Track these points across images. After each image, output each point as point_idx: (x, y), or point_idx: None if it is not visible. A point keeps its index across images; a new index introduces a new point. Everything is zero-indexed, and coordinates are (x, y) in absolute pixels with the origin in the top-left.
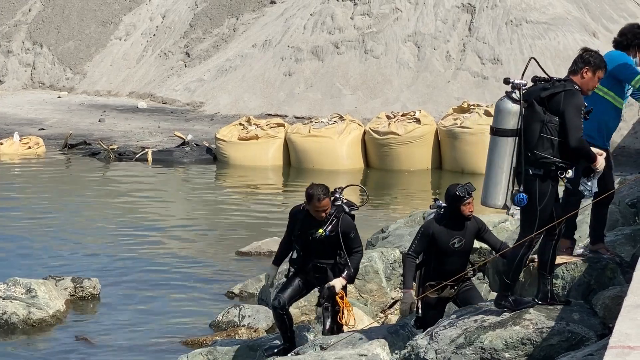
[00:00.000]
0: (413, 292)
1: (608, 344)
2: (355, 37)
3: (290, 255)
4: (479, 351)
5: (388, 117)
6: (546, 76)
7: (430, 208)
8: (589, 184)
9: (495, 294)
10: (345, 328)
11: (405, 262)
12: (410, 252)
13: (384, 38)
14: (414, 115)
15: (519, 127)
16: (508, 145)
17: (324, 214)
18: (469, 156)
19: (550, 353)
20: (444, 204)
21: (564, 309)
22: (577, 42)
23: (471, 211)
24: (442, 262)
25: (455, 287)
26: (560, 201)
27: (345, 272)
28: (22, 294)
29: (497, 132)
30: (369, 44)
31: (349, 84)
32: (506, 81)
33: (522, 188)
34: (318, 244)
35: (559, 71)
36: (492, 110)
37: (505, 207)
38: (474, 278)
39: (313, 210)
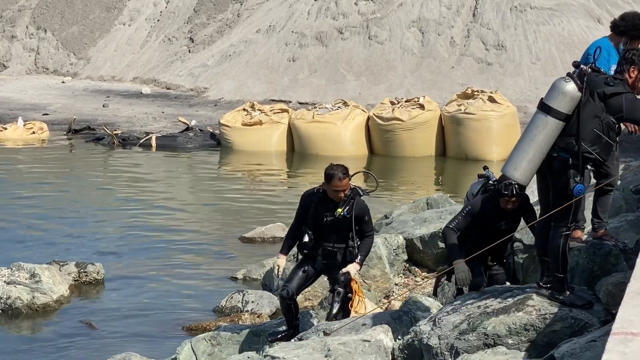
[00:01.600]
0: (463, 262)
1: (611, 330)
2: (359, 23)
3: (299, 240)
4: (482, 337)
5: (392, 103)
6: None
7: (478, 177)
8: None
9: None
10: (352, 314)
11: (447, 235)
12: (452, 226)
13: (388, 24)
14: (418, 101)
15: (572, 114)
16: (551, 125)
17: (342, 194)
18: (473, 142)
19: (553, 339)
20: (493, 175)
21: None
22: (582, 28)
23: (510, 208)
24: (485, 241)
25: (494, 260)
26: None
27: (359, 257)
28: (26, 279)
29: (549, 111)
30: (373, 29)
31: (352, 70)
32: (576, 64)
33: (580, 179)
34: (331, 227)
35: (563, 57)
36: (496, 97)
37: (520, 185)
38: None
39: (332, 190)
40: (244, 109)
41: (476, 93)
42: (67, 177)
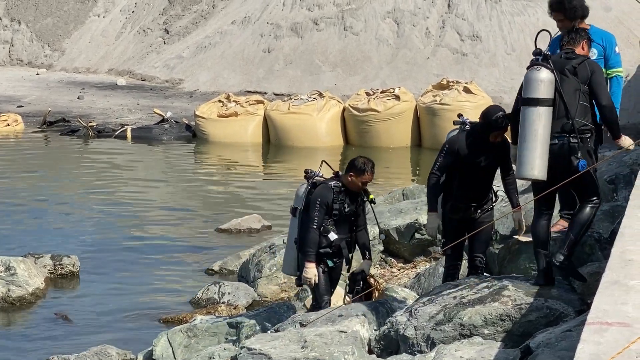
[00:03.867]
0: (437, 215)
1: (586, 320)
2: (335, 14)
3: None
4: (458, 327)
5: (367, 94)
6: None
7: (454, 124)
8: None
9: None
10: None
11: (430, 181)
12: (434, 170)
13: (363, 15)
14: (394, 92)
15: (553, 96)
16: (544, 115)
17: (364, 186)
18: (449, 131)
19: (529, 329)
20: (468, 120)
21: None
22: None
23: (499, 140)
24: (466, 181)
25: (479, 210)
26: None
27: (367, 252)
28: (1, 272)
29: (538, 102)
30: (348, 20)
31: (328, 61)
32: (537, 52)
33: (580, 154)
34: (346, 220)
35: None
36: (471, 87)
37: (540, 179)
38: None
39: (359, 183)
40: (220, 101)
41: (451, 84)
42: (42, 170)
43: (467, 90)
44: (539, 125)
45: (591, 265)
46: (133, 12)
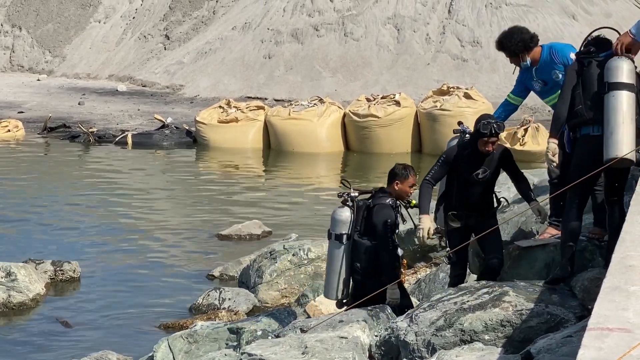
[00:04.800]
0: (429, 218)
1: (587, 325)
2: (335, 20)
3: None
4: (459, 333)
5: (368, 100)
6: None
7: (454, 132)
8: None
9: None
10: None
11: (422, 187)
12: (427, 178)
13: (364, 21)
14: (394, 97)
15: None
16: (628, 98)
17: (412, 191)
18: (448, 139)
19: (530, 335)
20: (468, 129)
21: (542, 291)
22: (557, 24)
23: (489, 150)
24: (465, 192)
25: (480, 218)
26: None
27: None
28: (1, 278)
29: (618, 86)
30: (348, 26)
31: (328, 67)
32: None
33: None
34: None
35: None
36: (472, 93)
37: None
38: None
39: (406, 189)
40: (220, 106)
41: (452, 89)
42: (42, 175)
43: (467, 96)
44: (625, 107)
45: (592, 271)
46: (134, 18)
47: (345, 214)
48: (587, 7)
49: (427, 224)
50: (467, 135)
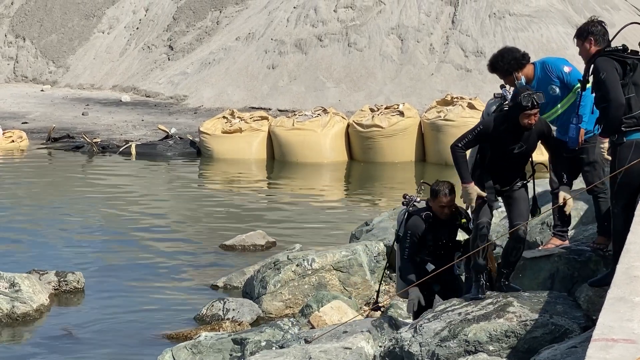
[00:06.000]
0: (473, 186)
1: (591, 336)
2: (339, 30)
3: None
4: (463, 344)
5: (372, 110)
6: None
7: (494, 96)
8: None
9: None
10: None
11: (456, 154)
12: (459, 145)
13: (368, 31)
14: (398, 108)
15: None
16: None
17: (447, 211)
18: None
19: (534, 345)
20: (508, 93)
21: (547, 302)
22: (560, 34)
23: (531, 123)
24: (498, 165)
25: (507, 188)
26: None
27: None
28: (5, 288)
29: None
30: (352, 36)
31: (332, 77)
32: None
33: None
34: (446, 248)
35: None
36: (475, 103)
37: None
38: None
39: (438, 206)
40: (224, 117)
41: (455, 100)
42: (46, 186)
43: (471, 106)
44: None
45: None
46: (137, 28)
47: (400, 215)
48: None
49: (474, 191)
50: (505, 102)
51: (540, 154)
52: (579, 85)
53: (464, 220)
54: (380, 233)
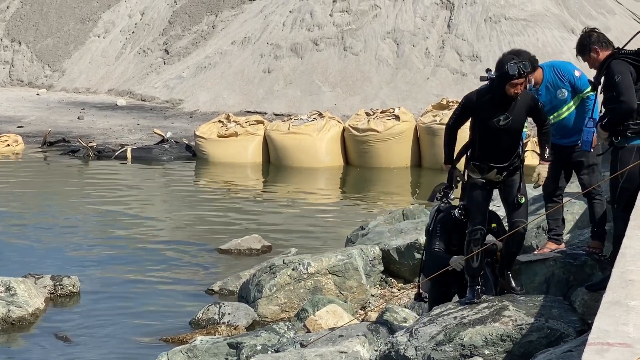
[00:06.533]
0: (452, 167)
1: (587, 340)
2: (335, 34)
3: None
4: (459, 348)
5: (367, 114)
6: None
7: (481, 80)
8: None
9: None
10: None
11: (445, 134)
12: (449, 123)
13: (363, 35)
14: (393, 112)
15: None
16: None
17: None
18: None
19: (530, 349)
20: (494, 75)
21: (542, 306)
22: (556, 39)
23: (517, 92)
24: (487, 140)
25: (504, 173)
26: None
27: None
28: (1, 293)
29: None
30: (348, 40)
31: (328, 81)
32: None
33: None
34: None
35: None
36: None
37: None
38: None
39: None
40: (220, 121)
41: (451, 104)
42: (42, 190)
43: None
44: None
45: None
46: (133, 32)
47: (433, 209)
48: (587, 22)
49: (455, 173)
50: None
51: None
52: (588, 89)
53: (493, 225)
54: (376, 237)
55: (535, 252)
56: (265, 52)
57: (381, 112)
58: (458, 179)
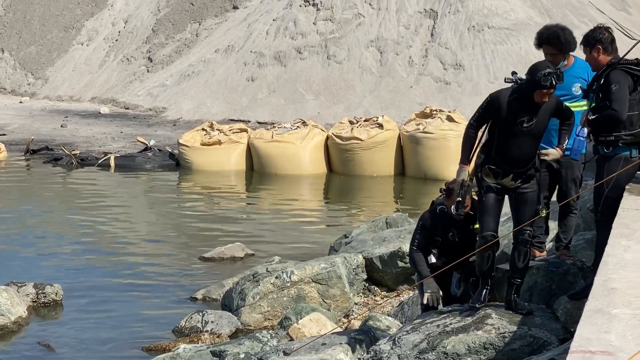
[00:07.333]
0: (467, 169)
1: (569, 348)
2: (318, 43)
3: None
4: (442, 356)
5: (351, 123)
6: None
7: (505, 81)
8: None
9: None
10: None
11: (465, 132)
12: (471, 121)
13: (347, 43)
14: (377, 120)
15: None
16: None
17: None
18: (432, 161)
19: (513, 358)
20: (519, 78)
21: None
22: None
23: (545, 101)
24: (507, 143)
25: (519, 181)
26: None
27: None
28: None
29: None
30: (331, 49)
31: (311, 89)
32: None
33: None
34: (455, 246)
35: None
36: (454, 116)
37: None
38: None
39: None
40: (203, 129)
41: (434, 112)
42: (24, 198)
43: (450, 118)
44: None
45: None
46: (117, 40)
47: None
48: (576, 31)
49: (465, 174)
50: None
51: None
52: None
53: (477, 226)
54: (359, 245)
55: None
56: (248, 61)
57: (365, 121)
58: (466, 183)
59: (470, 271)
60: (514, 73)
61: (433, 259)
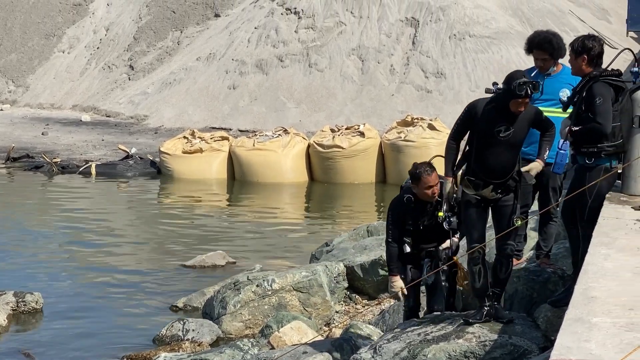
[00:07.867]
0: (451, 180)
1: (550, 357)
2: (300, 51)
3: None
4: None
5: (332, 131)
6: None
7: (486, 92)
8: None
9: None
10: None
11: (446, 146)
12: (452, 133)
13: (328, 51)
14: (358, 128)
15: None
16: None
17: (435, 190)
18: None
19: None
20: (499, 89)
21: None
22: (520, 56)
23: (520, 111)
24: (484, 152)
25: (499, 191)
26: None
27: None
28: None
29: None
30: (313, 57)
31: (293, 98)
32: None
33: None
34: (427, 231)
35: None
36: (436, 124)
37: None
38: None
39: (424, 189)
40: (185, 137)
41: (416, 120)
42: (4, 205)
43: (431, 127)
44: None
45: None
46: (98, 48)
47: None
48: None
49: (450, 186)
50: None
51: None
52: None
53: (440, 214)
54: (341, 253)
55: None
56: (230, 68)
57: (346, 129)
58: (452, 193)
59: (440, 257)
60: (494, 84)
61: (408, 249)
